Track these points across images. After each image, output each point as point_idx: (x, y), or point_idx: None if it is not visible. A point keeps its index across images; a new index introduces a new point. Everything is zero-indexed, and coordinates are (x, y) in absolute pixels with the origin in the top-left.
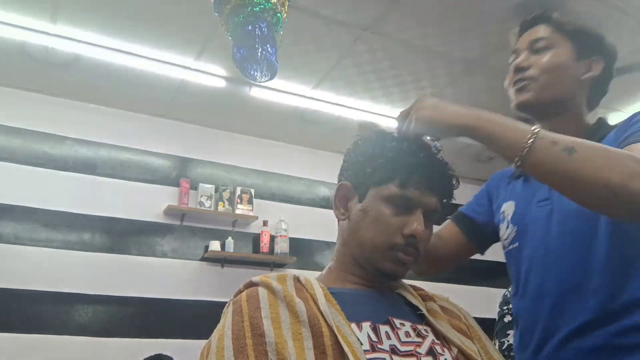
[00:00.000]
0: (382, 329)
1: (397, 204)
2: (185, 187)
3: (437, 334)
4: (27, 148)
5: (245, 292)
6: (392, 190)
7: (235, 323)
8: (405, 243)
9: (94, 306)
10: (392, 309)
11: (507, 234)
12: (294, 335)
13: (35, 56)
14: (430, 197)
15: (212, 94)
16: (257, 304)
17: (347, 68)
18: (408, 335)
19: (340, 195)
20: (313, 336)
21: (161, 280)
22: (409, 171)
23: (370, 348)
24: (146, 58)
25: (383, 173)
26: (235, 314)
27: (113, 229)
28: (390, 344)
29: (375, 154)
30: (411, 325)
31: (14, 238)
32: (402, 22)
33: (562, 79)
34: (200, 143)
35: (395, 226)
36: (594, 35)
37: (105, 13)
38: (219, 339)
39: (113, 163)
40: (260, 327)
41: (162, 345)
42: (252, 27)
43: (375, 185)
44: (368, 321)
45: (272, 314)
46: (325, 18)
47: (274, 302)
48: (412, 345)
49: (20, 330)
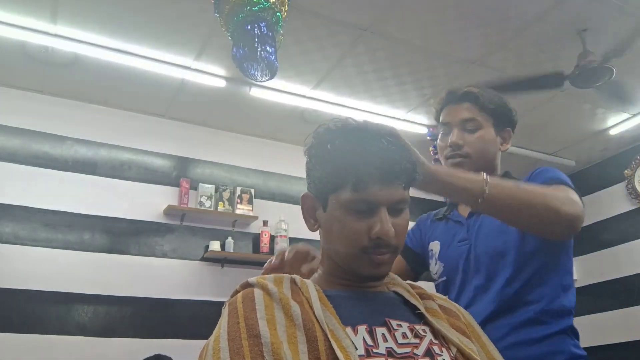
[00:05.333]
0: (378, 331)
1: (357, 208)
2: (185, 187)
3: (435, 333)
4: (27, 148)
5: (241, 293)
6: (348, 196)
7: (231, 325)
8: (375, 245)
9: (94, 306)
10: (389, 310)
11: (436, 269)
12: (289, 338)
13: (35, 56)
14: (391, 190)
15: (212, 94)
16: (252, 305)
17: (347, 68)
18: (405, 336)
19: (306, 207)
20: (307, 340)
21: (161, 280)
22: (359, 172)
23: (366, 353)
24: (146, 58)
25: (335, 179)
26: (231, 315)
27: (113, 229)
28: (387, 347)
29: (324, 159)
30: (408, 325)
31: (14, 238)
32: (402, 22)
33: (489, 153)
34: (200, 143)
35: (360, 231)
36: (507, 109)
37: (105, 13)
38: (215, 341)
39: (113, 163)
40: (255, 328)
41: (162, 345)
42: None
43: (332, 193)
44: (364, 324)
45: (268, 315)
46: (325, 18)
47: (270, 303)
48: (410, 347)
49: (20, 330)
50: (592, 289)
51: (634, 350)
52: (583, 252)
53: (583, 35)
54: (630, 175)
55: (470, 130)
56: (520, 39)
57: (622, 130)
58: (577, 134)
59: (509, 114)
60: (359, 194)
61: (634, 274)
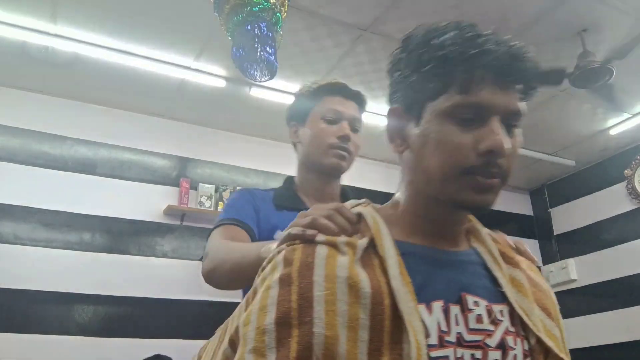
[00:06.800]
0: (452, 310)
1: (463, 116)
2: (185, 187)
3: (514, 316)
4: (27, 148)
5: (301, 252)
6: (453, 100)
7: (281, 300)
8: (484, 163)
9: (94, 306)
10: (467, 279)
11: None
12: (350, 320)
13: (35, 56)
14: (508, 96)
15: (212, 94)
16: (310, 274)
17: (347, 68)
18: (480, 320)
19: (392, 123)
20: (371, 326)
21: (161, 280)
22: (469, 67)
23: (438, 342)
24: (146, 58)
25: (435, 81)
26: (284, 284)
27: (113, 229)
28: (457, 332)
29: (424, 58)
30: (486, 305)
31: (14, 238)
32: (402, 22)
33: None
34: (200, 143)
35: (465, 145)
36: None
37: (105, 13)
38: (261, 316)
39: (113, 163)
40: (310, 311)
41: (162, 345)
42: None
43: (432, 99)
44: (440, 300)
45: (328, 290)
46: (325, 18)
47: (332, 273)
48: (482, 335)
49: (20, 330)
50: (592, 289)
51: (634, 350)
52: (583, 252)
53: (583, 35)
54: (630, 175)
55: (355, 130)
56: (520, 39)
57: (622, 130)
58: (577, 134)
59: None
60: (468, 96)
61: (634, 274)
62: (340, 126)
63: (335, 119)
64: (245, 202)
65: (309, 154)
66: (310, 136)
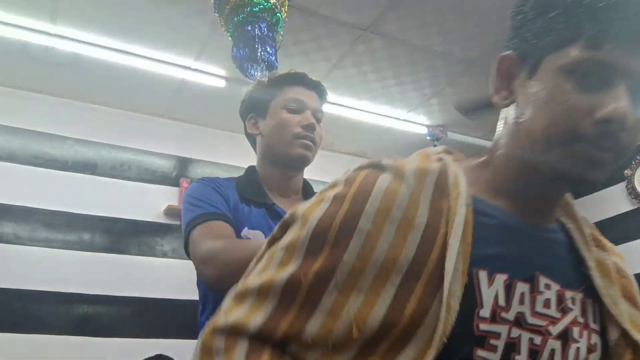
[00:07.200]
0: (519, 288)
1: (585, 75)
2: (185, 187)
3: (585, 307)
4: (27, 148)
5: (363, 177)
6: (577, 55)
7: (326, 215)
8: (599, 133)
9: (94, 306)
10: (546, 257)
11: None
12: (386, 261)
13: (36, 56)
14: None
15: (212, 94)
16: (364, 204)
17: (347, 68)
18: (547, 305)
19: (501, 72)
20: (407, 272)
21: (161, 280)
22: (605, 19)
23: (490, 317)
24: (146, 58)
25: (562, 29)
26: (336, 202)
27: (113, 229)
28: (519, 312)
29: (549, 2)
30: (558, 290)
31: (14, 238)
32: (402, 22)
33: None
34: (200, 143)
35: (581, 109)
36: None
37: (105, 13)
38: (302, 226)
39: (113, 163)
40: (348, 239)
41: (162, 345)
42: (251, 27)
43: (551, 51)
44: (505, 273)
45: (374, 226)
46: (325, 18)
47: (387, 208)
48: (546, 321)
49: (20, 330)
50: None
51: None
52: None
53: None
54: (630, 175)
55: (317, 120)
56: None
57: None
58: None
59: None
60: (596, 53)
61: (634, 274)
62: (305, 115)
63: (298, 109)
64: (214, 192)
65: (272, 145)
66: (272, 127)
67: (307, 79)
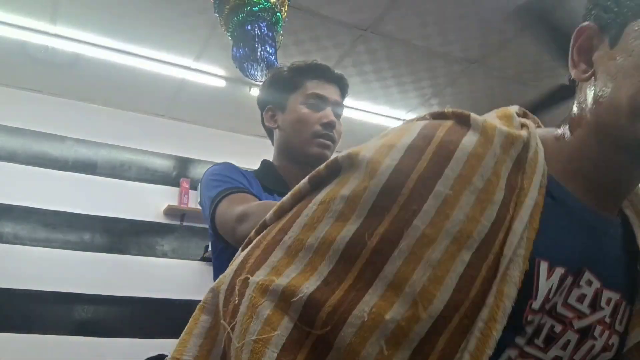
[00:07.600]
0: (567, 280)
1: None
2: (185, 187)
3: (617, 306)
4: (27, 148)
5: (445, 132)
6: None
7: (401, 168)
8: None
9: (94, 306)
10: (599, 252)
11: None
12: (459, 233)
13: (36, 56)
14: None
15: (212, 94)
16: (444, 166)
17: (347, 68)
18: (580, 299)
19: (579, 44)
20: (477, 249)
21: (161, 280)
22: None
23: (540, 307)
24: (146, 58)
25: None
26: (412, 153)
27: (113, 229)
28: (553, 302)
29: None
30: (597, 288)
31: (14, 238)
32: (402, 22)
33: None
34: (200, 143)
35: None
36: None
37: (105, 13)
38: (369, 175)
39: (113, 163)
40: (421, 201)
41: (162, 345)
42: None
43: (634, 18)
44: (564, 267)
45: (453, 192)
46: (325, 18)
47: (469, 175)
48: (574, 313)
49: (20, 330)
50: None
51: None
52: None
53: None
54: None
55: (337, 116)
56: (520, 38)
57: None
58: None
59: None
60: None
61: None
62: (325, 112)
63: (318, 105)
64: (236, 172)
65: (290, 141)
66: (291, 122)
67: (329, 72)
